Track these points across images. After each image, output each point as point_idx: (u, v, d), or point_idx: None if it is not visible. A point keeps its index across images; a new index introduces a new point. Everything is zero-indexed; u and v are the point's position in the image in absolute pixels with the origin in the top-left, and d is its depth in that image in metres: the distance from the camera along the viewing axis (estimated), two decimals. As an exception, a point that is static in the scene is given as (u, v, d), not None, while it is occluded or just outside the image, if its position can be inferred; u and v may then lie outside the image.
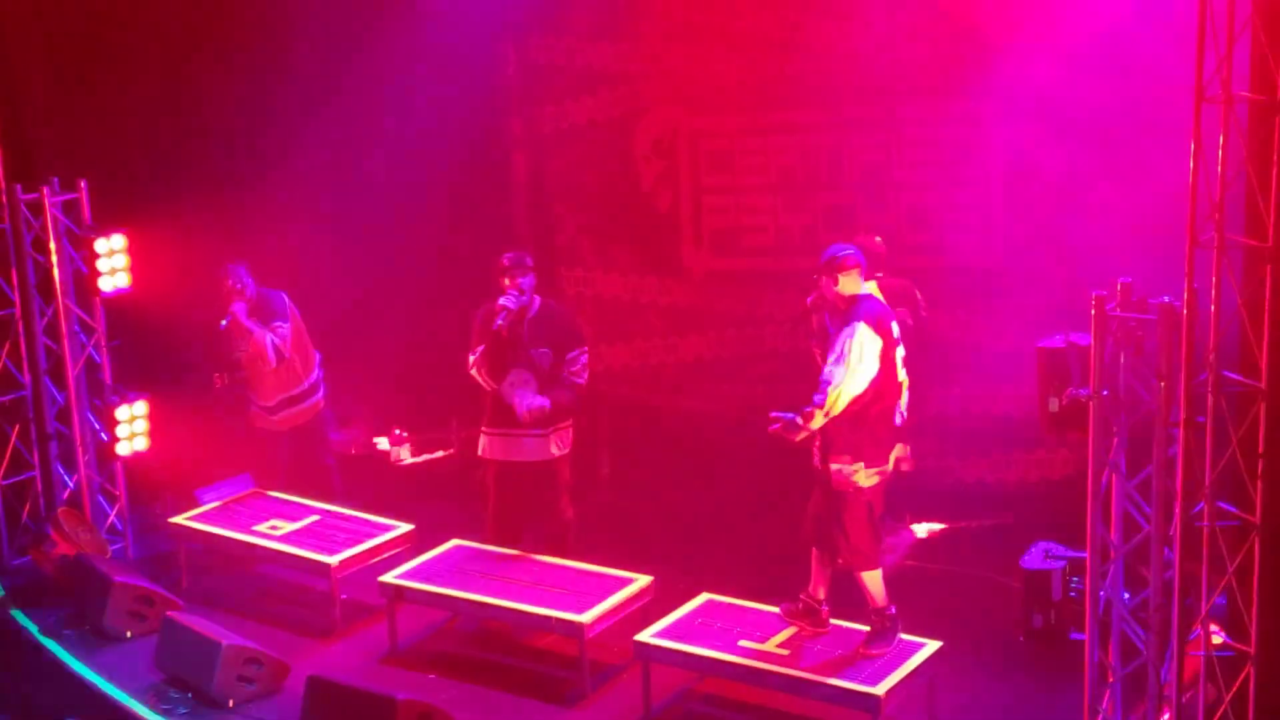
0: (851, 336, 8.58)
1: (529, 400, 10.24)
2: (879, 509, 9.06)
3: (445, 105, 12.90)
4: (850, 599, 9.11)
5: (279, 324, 11.52)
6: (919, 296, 10.82)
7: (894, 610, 8.97)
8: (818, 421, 8.57)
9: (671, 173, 12.59)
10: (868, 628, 9.00)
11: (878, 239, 10.59)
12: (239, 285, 11.47)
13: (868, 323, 8.61)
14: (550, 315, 10.51)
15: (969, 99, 11.31)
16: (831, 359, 8.61)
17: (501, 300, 10.27)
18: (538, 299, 10.47)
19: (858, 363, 8.56)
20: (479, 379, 10.40)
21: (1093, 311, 7.55)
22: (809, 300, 9.02)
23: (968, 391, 11.64)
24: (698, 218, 12.56)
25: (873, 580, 8.95)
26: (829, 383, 8.54)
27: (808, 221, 12.11)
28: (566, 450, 10.54)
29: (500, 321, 10.21)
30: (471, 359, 10.37)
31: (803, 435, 8.65)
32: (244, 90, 12.87)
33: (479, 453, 10.66)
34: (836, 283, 8.76)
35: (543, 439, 10.40)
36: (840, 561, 8.98)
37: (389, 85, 12.77)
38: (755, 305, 12.27)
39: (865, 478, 8.83)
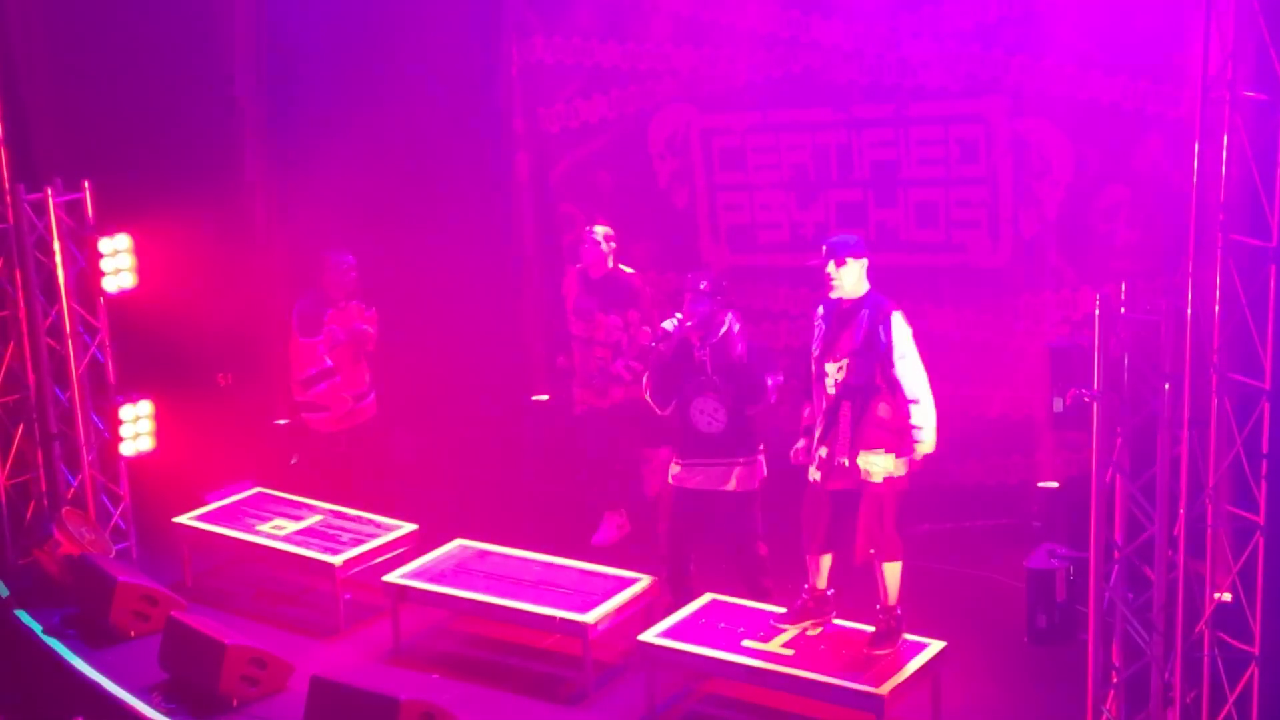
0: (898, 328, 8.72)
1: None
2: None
3: (447, 105, 12.90)
4: (853, 598, 9.08)
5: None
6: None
7: (900, 610, 8.94)
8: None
9: (686, 170, 12.57)
10: (872, 628, 8.97)
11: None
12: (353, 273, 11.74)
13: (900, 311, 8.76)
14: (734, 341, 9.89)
15: (978, 97, 11.28)
16: (896, 357, 8.70)
17: (664, 322, 9.75)
18: (722, 323, 9.78)
19: (915, 352, 8.71)
20: (652, 404, 9.90)
21: (1097, 311, 7.51)
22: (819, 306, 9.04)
23: (976, 391, 11.58)
24: (714, 214, 12.54)
25: (893, 573, 8.91)
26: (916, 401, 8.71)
27: (820, 218, 12.08)
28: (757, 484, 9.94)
29: (656, 344, 9.76)
30: (645, 380, 9.93)
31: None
32: (247, 90, 12.85)
33: (669, 480, 10.04)
34: (852, 271, 8.80)
35: (748, 467, 9.76)
36: (871, 552, 8.89)
37: (389, 85, 12.74)
38: (771, 300, 12.27)
39: (899, 466, 8.81)
